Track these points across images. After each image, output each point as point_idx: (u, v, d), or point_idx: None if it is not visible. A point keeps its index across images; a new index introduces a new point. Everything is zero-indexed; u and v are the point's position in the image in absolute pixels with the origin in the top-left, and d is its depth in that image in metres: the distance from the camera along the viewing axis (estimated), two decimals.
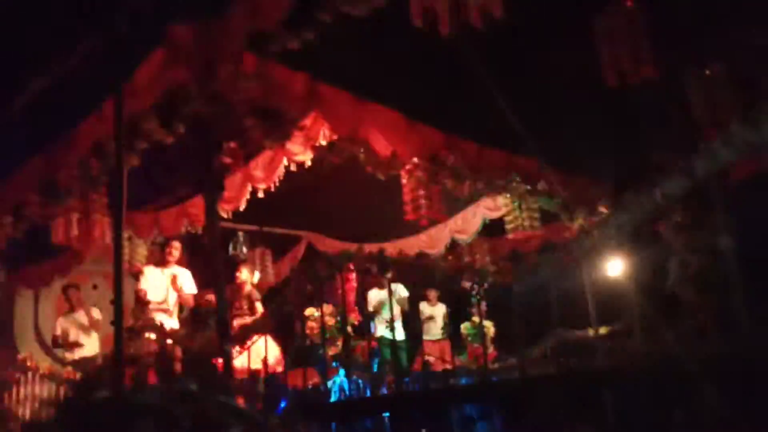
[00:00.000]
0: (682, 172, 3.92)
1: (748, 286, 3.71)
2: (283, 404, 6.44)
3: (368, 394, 5.43)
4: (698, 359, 3.80)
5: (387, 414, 5.08)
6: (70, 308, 6.99)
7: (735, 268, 3.80)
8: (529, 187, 6.41)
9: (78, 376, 5.74)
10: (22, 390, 6.16)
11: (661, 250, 4.50)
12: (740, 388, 3.76)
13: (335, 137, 5.52)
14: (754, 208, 4.03)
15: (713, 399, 4.02)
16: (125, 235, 5.50)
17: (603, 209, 6.36)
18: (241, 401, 4.59)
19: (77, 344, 6.76)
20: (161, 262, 5.97)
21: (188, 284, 5.97)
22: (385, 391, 5.42)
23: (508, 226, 6.81)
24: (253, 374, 5.48)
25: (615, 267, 5.75)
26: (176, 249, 5.97)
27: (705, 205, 3.94)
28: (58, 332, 6.85)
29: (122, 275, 4.56)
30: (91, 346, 6.87)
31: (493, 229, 7.78)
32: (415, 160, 5.88)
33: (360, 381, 5.94)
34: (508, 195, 6.55)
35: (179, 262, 6.10)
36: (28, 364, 6.21)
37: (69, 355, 6.79)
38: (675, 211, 4.09)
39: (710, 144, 3.79)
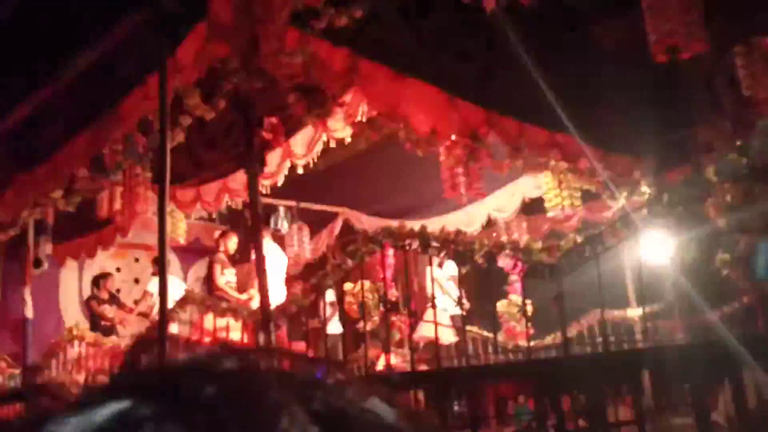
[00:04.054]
0: (733, 150, 3.81)
1: None
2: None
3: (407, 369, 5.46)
4: (742, 341, 3.74)
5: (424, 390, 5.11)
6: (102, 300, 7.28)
7: None
8: (569, 166, 6.31)
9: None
10: (69, 358, 6.36)
11: (707, 229, 4.40)
12: None
13: (374, 113, 5.50)
14: None
15: (757, 381, 3.96)
16: (168, 209, 5.58)
17: (645, 188, 6.24)
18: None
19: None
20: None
21: None
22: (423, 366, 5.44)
23: (548, 205, 6.73)
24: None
25: (658, 247, 5.66)
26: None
27: (755, 183, 3.83)
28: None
29: (166, 248, 4.65)
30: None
31: (531, 207, 7.71)
32: (454, 137, 5.84)
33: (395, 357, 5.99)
34: (549, 173, 6.47)
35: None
36: (75, 333, 6.39)
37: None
38: (724, 190, 3.98)
39: (764, 120, 3.68)
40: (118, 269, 8.88)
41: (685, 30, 3.78)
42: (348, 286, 5.64)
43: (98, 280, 7.51)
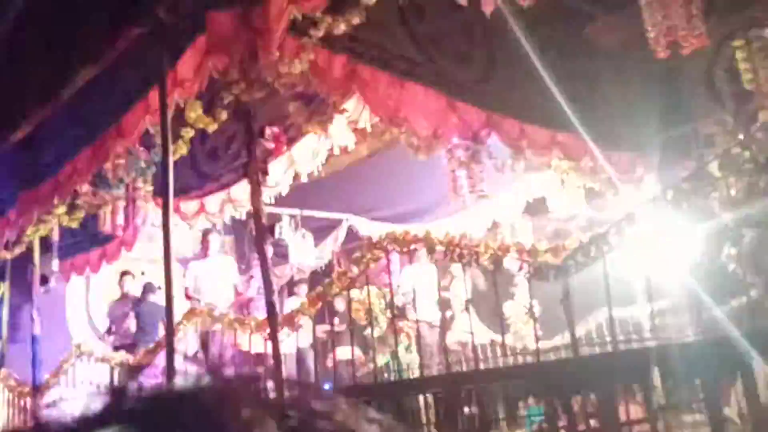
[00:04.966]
0: (735, 143, 3.80)
1: None
2: (327, 386, 6.52)
3: (415, 374, 5.45)
4: (751, 336, 3.72)
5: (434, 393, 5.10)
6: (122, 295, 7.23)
7: None
8: (572, 164, 6.31)
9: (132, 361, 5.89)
10: (78, 375, 6.36)
11: (713, 224, 4.38)
12: None
13: (376, 119, 5.50)
14: None
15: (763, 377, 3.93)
16: (172, 221, 5.60)
17: (649, 184, 6.23)
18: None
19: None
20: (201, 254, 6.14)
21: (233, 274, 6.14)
22: (433, 371, 5.43)
23: (552, 205, 6.73)
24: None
25: (664, 243, 5.64)
26: (213, 241, 6.14)
27: (760, 177, 3.82)
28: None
29: (171, 261, 4.65)
30: None
31: (535, 208, 7.70)
32: (456, 140, 5.84)
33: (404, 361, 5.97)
34: (552, 173, 6.47)
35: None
36: (83, 350, 6.39)
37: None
38: (728, 185, 3.97)
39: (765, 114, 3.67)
40: None
41: (685, 25, 3.78)
42: (354, 293, 5.64)
43: (123, 276, 7.50)
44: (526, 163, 6.40)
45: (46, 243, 6.71)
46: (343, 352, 6.33)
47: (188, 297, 6.62)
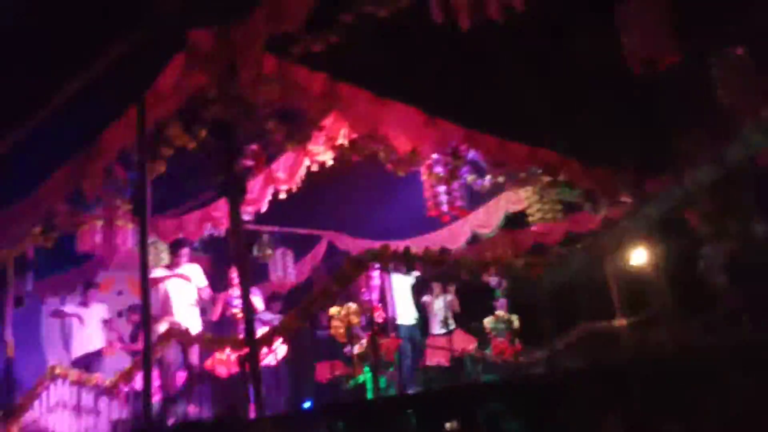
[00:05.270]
0: (711, 159, 3.87)
1: None
2: (308, 403, 6.47)
3: (394, 391, 5.43)
4: (728, 348, 3.76)
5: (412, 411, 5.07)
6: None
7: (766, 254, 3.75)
8: (550, 179, 6.37)
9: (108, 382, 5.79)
10: (52, 398, 6.22)
11: (689, 238, 4.45)
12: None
13: (355, 136, 5.51)
14: None
15: (742, 389, 3.97)
16: (149, 240, 5.54)
17: (626, 199, 6.31)
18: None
19: None
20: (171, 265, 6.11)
21: (200, 279, 6.10)
22: (411, 388, 5.41)
23: (531, 219, 6.77)
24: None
25: (641, 257, 5.70)
26: (185, 255, 6.12)
27: (734, 191, 3.88)
28: None
29: (148, 280, 4.60)
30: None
31: (515, 222, 7.75)
32: (435, 155, 5.87)
33: (385, 379, 5.94)
34: (530, 187, 6.52)
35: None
36: (57, 372, 6.26)
37: None
38: (704, 199, 4.04)
39: (741, 130, 3.74)
40: (102, 302, 8.75)
41: (660, 43, 3.84)
42: (334, 309, 5.61)
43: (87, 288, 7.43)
44: (505, 177, 6.45)
45: (21, 263, 6.59)
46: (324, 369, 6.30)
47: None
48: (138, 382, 5.20)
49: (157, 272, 5.98)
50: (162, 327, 5.71)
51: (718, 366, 3.80)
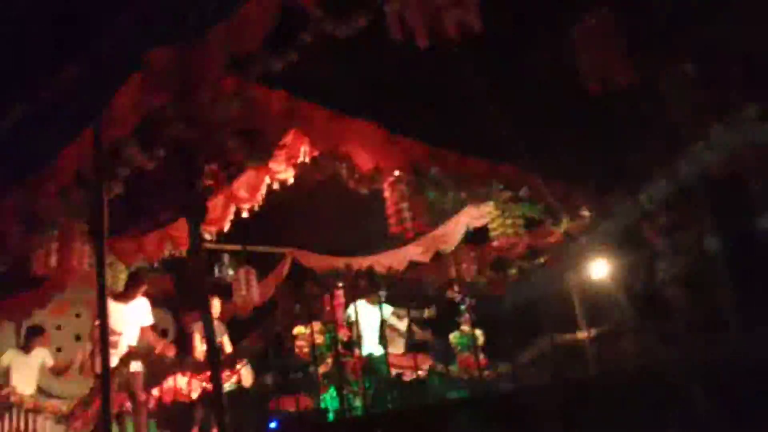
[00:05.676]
0: (664, 174, 3.96)
1: (735, 285, 3.75)
2: (274, 424, 6.38)
3: (361, 411, 5.39)
4: (686, 360, 3.83)
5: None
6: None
7: (721, 268, 3.84)
8: (511, 194, 6.44)
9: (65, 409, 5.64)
10: (5, 425, 6.04)
11: (646, 252, 4.53)
12: (727, 390, 3.79)
13: (316, 154, 5.51)
14: (734, 207, 4.08)
15: (701, 400, 4.04)
16: (107, 261, 5.43)
17: (586, 213, 6.41)
18: None
19: None
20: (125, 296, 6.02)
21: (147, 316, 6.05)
22: (377, 407, 5.38)
23: (493, 234, 6.82)
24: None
25: (601, 270, 5.79)
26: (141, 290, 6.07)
27: (688, 206, 3.98)
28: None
29: (106, 302, 4.51)
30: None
31: (478, 236, 7.80)
32: (397, 172, 5.89)
33: (350, 396, 5.90)
34: (491, 203, 6.58)
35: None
36: (12, 399, 6.09)
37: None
38: (659, 213, 4.12)
39: (691, 145, 3.84)
40: (58, 327, 8.54)
41: (612, 62, 3.93)
42: (299, 329, 5.57)
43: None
44: (466, 193, 6.49)
45: None
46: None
47: None
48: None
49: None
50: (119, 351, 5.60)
51: (677, 378, 3.87)
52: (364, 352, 6.27)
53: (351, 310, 6.29)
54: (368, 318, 6.49)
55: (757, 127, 3.87)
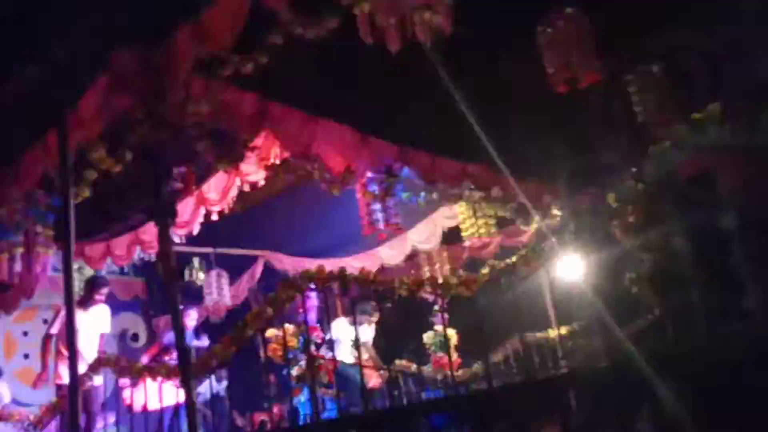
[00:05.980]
0: (631, 173, 4.01)
1: (703, 283, 3.80)
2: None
3: (334, 413, 5.38)
4: (654, 356, 3.87)
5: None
6: None
7: (688, 265, 3.89)
8: (483, 194, 6.47)
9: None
10: None
11: (615, 250, 4.58)
12: (695, 385, 3.84)
13: (287, 155, 5.48)
14: (701, 205, 4.14)
15: (670, 397, 4.10)
16: (75, 266, 5.34)
17: (556, 212, 6.46)
18: None
19: None
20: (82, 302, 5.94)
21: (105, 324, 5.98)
22: (352, 409, 5.37)
23: (465, 234, 6.86)
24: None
25: (572, 268, 5.84)
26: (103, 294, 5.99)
27: (652, 206, 4.03)
28: None
29: (74, 307, 4.43)
30: None
31: (451, 236, 7.84)
32: (370, 174, 5.89)
33: (324, 399, 5.88)
34: (463, 203, 6.61)
35: None
36: None
37: None
38: (626, 212, 4.17)
39: (657, 145, 3.89)
40: (25, 333, 8.38)
41: (579, 62, 3.98)
42: (271, 332, 5.53)
43: None
44: (438, 193, 6.51)
45: None
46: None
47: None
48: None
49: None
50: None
51: (646, 374, 3.92)
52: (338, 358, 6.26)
53: (334, 324, 6.29)
54: (345, 332, 6.50)
55: (722, 127, 3.94)
